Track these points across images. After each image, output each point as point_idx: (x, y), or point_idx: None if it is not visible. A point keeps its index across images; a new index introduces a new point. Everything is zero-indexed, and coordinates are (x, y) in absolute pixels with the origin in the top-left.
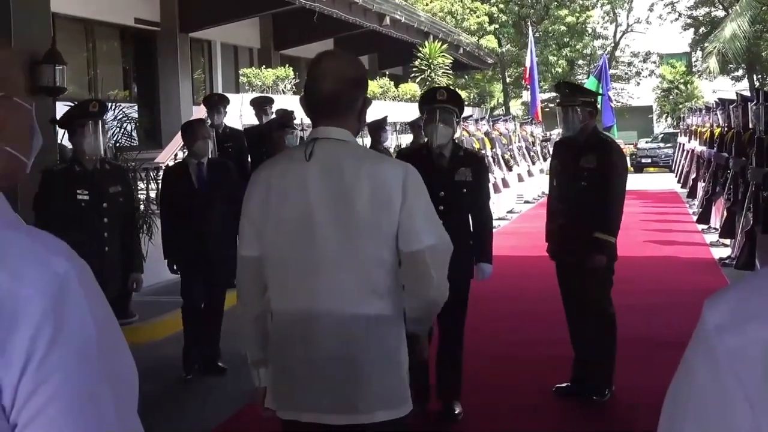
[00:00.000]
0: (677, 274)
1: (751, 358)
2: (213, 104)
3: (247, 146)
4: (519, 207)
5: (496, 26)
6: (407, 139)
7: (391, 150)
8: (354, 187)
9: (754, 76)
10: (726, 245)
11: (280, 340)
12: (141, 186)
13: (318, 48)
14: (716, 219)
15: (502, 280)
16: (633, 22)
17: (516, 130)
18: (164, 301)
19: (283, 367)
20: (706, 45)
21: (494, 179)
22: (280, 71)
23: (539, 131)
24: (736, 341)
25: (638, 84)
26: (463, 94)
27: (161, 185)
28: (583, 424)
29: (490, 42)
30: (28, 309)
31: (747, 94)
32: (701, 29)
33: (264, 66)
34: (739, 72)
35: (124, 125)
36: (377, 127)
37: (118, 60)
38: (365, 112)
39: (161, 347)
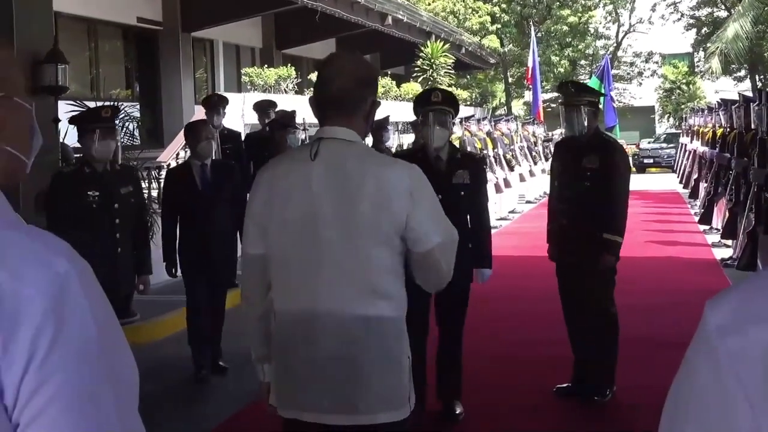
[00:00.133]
0: (679, 275)
1: (753, 359)
2: (212, 105)
3: (251, 151)
4: (521, 207)
5: (498, 26)
6: (409, 138)
7: (393, 150)
8: (358, 189)
9: (757, 77)
10: (728, 246)
11: (283, 340)
12: (143, 185)
13: (320, 47)
14: (718, 220)
15: (503, 280)
16: (635, 22)
17: (518, 130)
18: (165, 300)
19: (285, 366)
20: (708, 45)
21: (496, 179)
22: (282, 71)
23: (541, 131)
24: (738, 342)
25: (640, 84)
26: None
27: (164, 187)
28: (583, 424)
29: (492, 42)
30: (30, 309)
31: (749, 94)
32: (704, 29)
33: (266, 65)
34: (742, 72)
35: (126, 125)
36: (379, 127)
37: (120, 59)
38: (373, 114)
39: (162, 347)
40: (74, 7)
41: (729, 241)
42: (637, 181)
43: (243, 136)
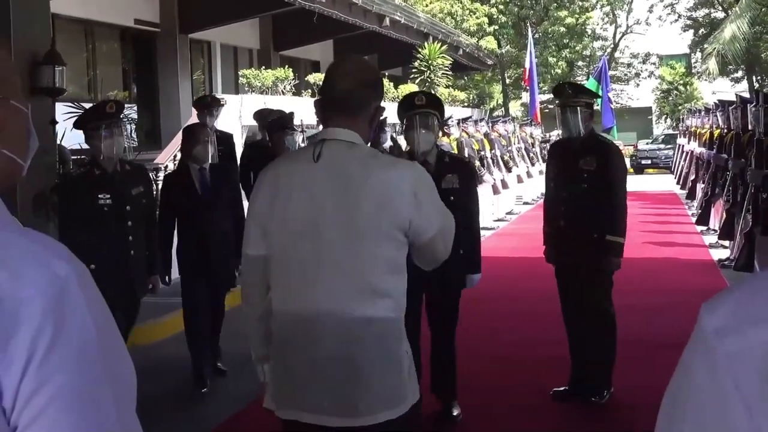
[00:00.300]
0: (676, 276)
1: (751, 360)
2: (205, 106)
3: (251, 160)
4: (518, 208)
5: (496, 27)
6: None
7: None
8: (360, 192)
9: (754, 78)
10: (725, 247)
11: (282, 340)
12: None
13: (318, 49)
14: (715, 220)
15: (501, 281)
16: (632, 23)
17: (515, 132)
18: (163, 302)
19: (284, 367)
20: (705, 46)
21: (493, 180)
22: (279, 72)
23: (538, 132)
24: (737, 343)
25: (638, 85)
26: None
27: (161, 191)
28: (582, 424)
29: (489, 43)
30: (29, 310)
31: (746, 95)
32: (701, 30)
33: (263, 67)
34: (739, 73)
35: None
36: (377, 128)
37: (117, 61)
38: (377, 119)
39: (161, 348)
40: (72, 8)
41: (726, 242)
42: (635, 182)
43: (242, 137)
